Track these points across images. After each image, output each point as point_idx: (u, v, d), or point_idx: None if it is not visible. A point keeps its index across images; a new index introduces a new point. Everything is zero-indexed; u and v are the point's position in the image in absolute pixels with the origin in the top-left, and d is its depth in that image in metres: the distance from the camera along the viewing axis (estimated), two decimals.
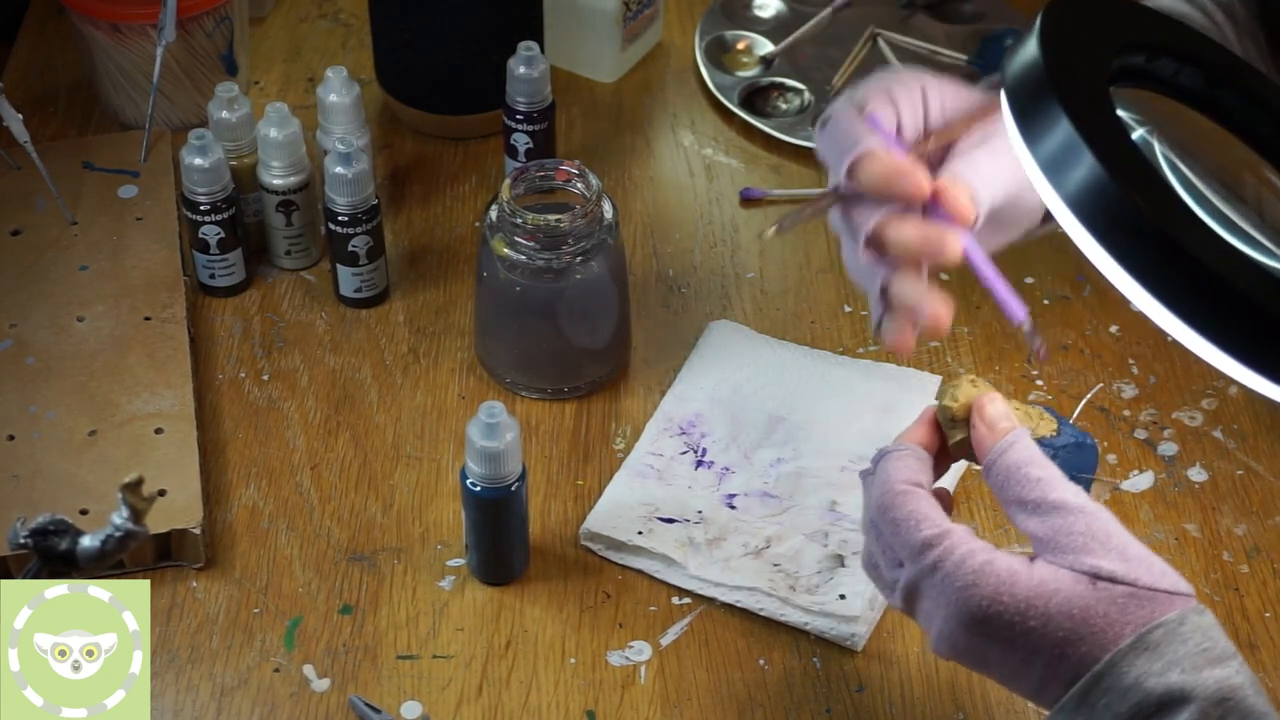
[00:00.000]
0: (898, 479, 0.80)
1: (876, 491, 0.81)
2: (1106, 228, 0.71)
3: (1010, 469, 0.79)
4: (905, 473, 0.81)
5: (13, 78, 1.36)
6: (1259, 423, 1.10)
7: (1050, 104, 0.72)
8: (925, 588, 0.77)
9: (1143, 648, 0.72)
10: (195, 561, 1.00)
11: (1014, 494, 0.78)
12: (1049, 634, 0.73)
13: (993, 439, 0.81)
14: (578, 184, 1.07)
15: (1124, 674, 0.72)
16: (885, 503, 0.80)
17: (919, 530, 0.78)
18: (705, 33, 1.42)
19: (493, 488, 0.95)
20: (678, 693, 0.95)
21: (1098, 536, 0.75)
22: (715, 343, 1.14)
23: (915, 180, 0.82)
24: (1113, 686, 0.72)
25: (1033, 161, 0.73)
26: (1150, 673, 0.71)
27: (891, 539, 0.79)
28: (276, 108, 1.14)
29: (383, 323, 1.17)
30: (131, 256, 1.17)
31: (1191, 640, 0.72)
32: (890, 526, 0.79)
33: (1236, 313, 0.70)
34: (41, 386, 1.08)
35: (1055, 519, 0.76)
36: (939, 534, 0.77)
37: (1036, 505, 0.77)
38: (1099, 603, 0.73)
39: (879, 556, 0.82)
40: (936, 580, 0.76)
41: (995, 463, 0.80)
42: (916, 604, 0.79)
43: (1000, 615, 0.74)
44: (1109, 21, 0.80)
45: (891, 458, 0.82)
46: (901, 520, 0.78)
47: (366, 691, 0.94)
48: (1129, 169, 0.71)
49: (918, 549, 0.77)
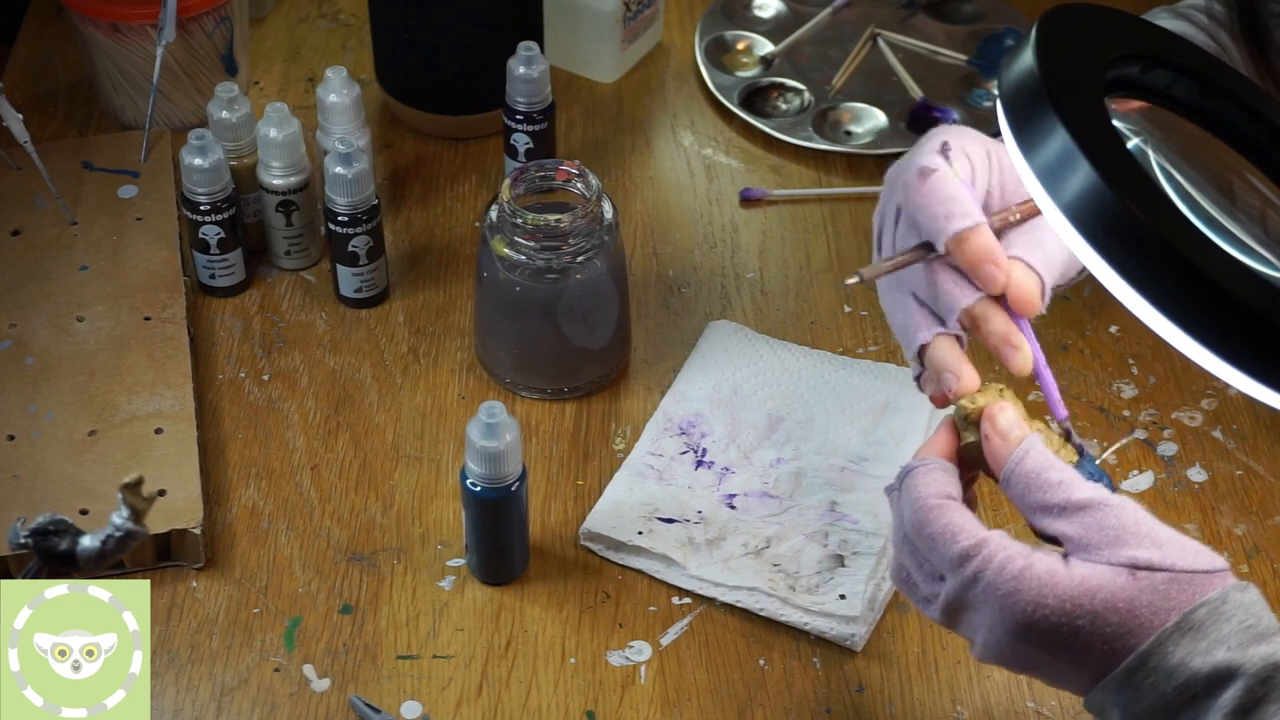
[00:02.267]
0: (929, 493, 0.79)
1: (908, 509, 0.80)
2: (1103, 235, 0.71)
3: (1029, 476, 0.78)
4: (935, 486, 0.80)
5: (13, 78, 1.36)
6: (1259, 423, 1.10)
7: (1046, 113, 0.72)
8: (969, 599, 0.76)
9: (1187, 628, 0.72)
10: (195, 561, 1.00)
11: (1036, 500, 0.78)
12: (1097, 631, 0.73)
13: (1006, 448, 0.80)
14: (578, 184, 1.07)
15: (1169, 654, 0.72)
16: (919, 519, 0.79)
17: (955, 543, 0.77)
18: (705, 33, 1.42)
19: (493, 488, 0.95)
20: (678, 693, 0.95)
21: (1129, 528, 0.75)
22: (715, 343, 1.14)
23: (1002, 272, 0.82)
24: (1159, 666, 0.72)
25: (1029, 170, 0.73)
26: (1196, 652, 0.72)
27: (929, 554, 0.79)
28: (276, 108, 1.14)
29: (383, 323, 1.17)
30: (131, 256, 1.17)
31: (1235, 618, 0.73)
32: (927, 542, 0.78)
33: (1231, 319, 0.70)
34: (41, 386, 1.08)
35: (1084, 517, 0.76)
36: (976, 544, 0.76)
37: (1062, 508, 0.77)
38: (1142, 593, 0.73)
39: (914, 572, 0.81)
40: (979, 590, 0.76)
41: (1014, 472, 0.79)
42: (961, 615, 0.78)
43: (1046, 619, 0.74)
44: (1104, 32, 0.80)
45: (919, 473, 0.81)
46: (938, 535, 0.78)
47: (366, 691, 0.94)
48: (1125, 177, 0.72)
49: (956, 561, 0.76)
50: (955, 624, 0.79)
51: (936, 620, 0.80)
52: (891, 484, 0.84)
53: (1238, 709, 0.70)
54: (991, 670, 0.96)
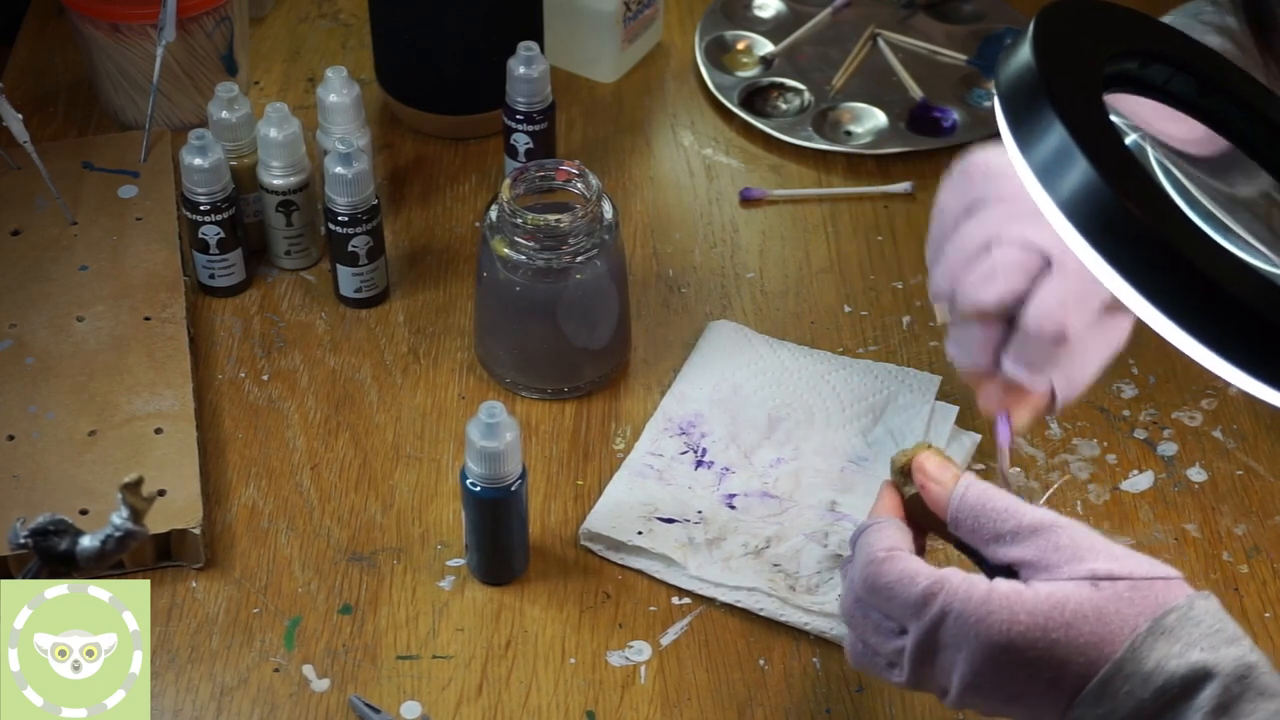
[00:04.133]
0: (878, 548, 0.80)
1: (857, 567, 0.80)
2: (1100, 232, 0.71)
3: (975, 509, 0.79)
4: (884, 540, 0.80)
5: (13, 78, 1.36)
6: (1259, 423, 1.10)
7: (1044, 108, 0.72)
8: (939, 639, 0.76)
9: (1159, 632, 0.73)
10: (195, 561, 1.00)
11: (988, 531, 0.79)
12: (1072, 642, 0.73)
13: (944, 490, 0.81)
14: (578, 184, 1.07)
15: (1144, 659, 0.72)
16: (870, 574, 0.79)
17: (915, 585, 0.77)
18: (705, 33, 1.42)
19: (493, 488, 0.95)
20: (678, 693, 0.95)
21: (1082, 544, 0.77)
22: (715, 343, 1.14)
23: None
24: (1134, 672, 0.72)
25: (1026, 166, 0.73)
26: (1171, 655, 0.72)
27: (887, 607, 0.78)
28: (276, 108, 1.14)
29: (383, 323, 1.17)
30: (131, 256, 1.17)
31: (1204, 622, 0.73)
32: (884, 594, 0.78)
33: (1231, 317, 0.70)
34: (41, 386, 1.08)
35: (1037, 540, 0.77)
36: (936, 581, 0.76)
37: (1014, 534, 0.78)
38: (1108, 601, 0.74)
39: (871, 637, 0.80)
40: (950, 624, 0.75)
41: (958, 509, 0.80)
42: (934, 660, 0.77)
43: (1023, 635, 0.74)
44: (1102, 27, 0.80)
45: (869, 531, 0.81)
46: (894, 583, 0.78)
47: (366, 691, 0.94)
48: (1123, 173, 0.71)
49: (920, 603, 0.76)
50: (926, 674, 0.78)
51: (904, 682, 0.79)
52: (847, 558, 0.84)
53: (1216, 707, 0.71)
54: None
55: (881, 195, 1.28)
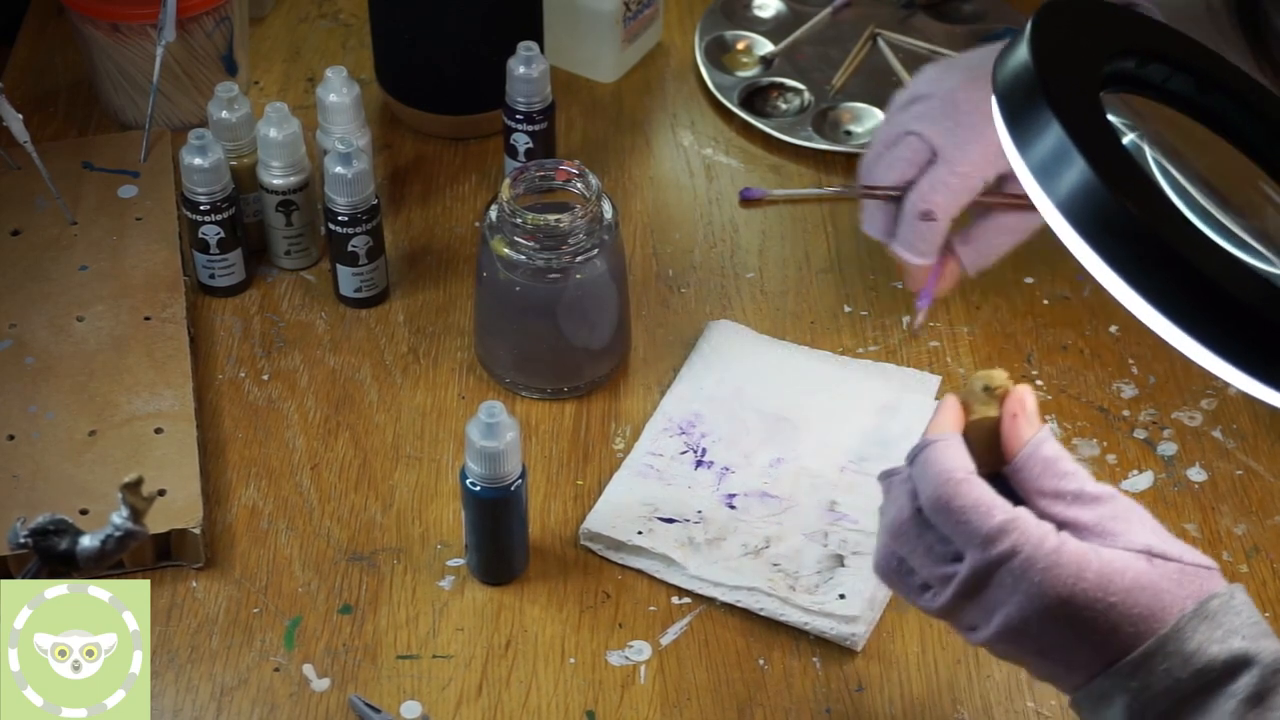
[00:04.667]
0: (955, 466, 0.78)
1: (930, 484, 0.78)
2: (1098, 232, 0.71)
3: (1048, 460, 0.79)
4: (959, 460, 0.78)
5: (13, 78, 1.36)
6: (1258, 423, 1.10)
7: (1041, 108, 0.72)
8: (997, 576, 0.75)
9: (1203, 616, 0.73)
10: (195, 561, 1.00)
11: (1051, 486, 0.78)
12: (1128, 609, 0.74)
13: (1030, 430, 0.80)
14: (578, 184, 1.07)
15: (1187, 639, 0.73)
16: (946, 493, 0.77)
17: (991, 517, 0.76)
18: (705, 33, 1.42)
19: (493, 488, 0.95)
20: (678, 693, 0.95)
21: (1136, 520, 0.77)
22: (715, 343, 1.14)
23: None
24: (1176, 651, 0.73)
25: (1023, 166, 0.73)
26: (1213, 639, 0.73)
27: (954, 530, 0.77)
28: (276, 108, 1.14)
29: (383, 323, 1.17)
30: (131, 256, 1.17)
31: (1244, 613, 0.74)
32: (955, 515, 0.76)
33: (1228, 316, 0.70)
34: (41, 386, 1.08)
35: (1099, 508, 0.77)
36: (1011, 519, 0.76)
37: (1077, 496, 0.78)
38: (1161, 578, 0.74)
39: (919, 557, 0.79)
40: (1015, 565, 0.75)
41: (1033, 455, 0.79)
42: (981, 595, 0.76)
43: (1085, 593, 0.74)
44: (1100, 26, 0.80)
45: (940, 447, 0.79)
46: (970, 508, 0.76)
47: (366, 691, 0.94)
48: (1120, 173, 0.71)
49: (993, 535, 0.75)
50: (965, 607, 0.77)
51: (937, 607, 0.78)
52: (889, 470, 0.83)
53: (1252, 695, 0.72)
54: (991, 670, 0.96)
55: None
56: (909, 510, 0.80)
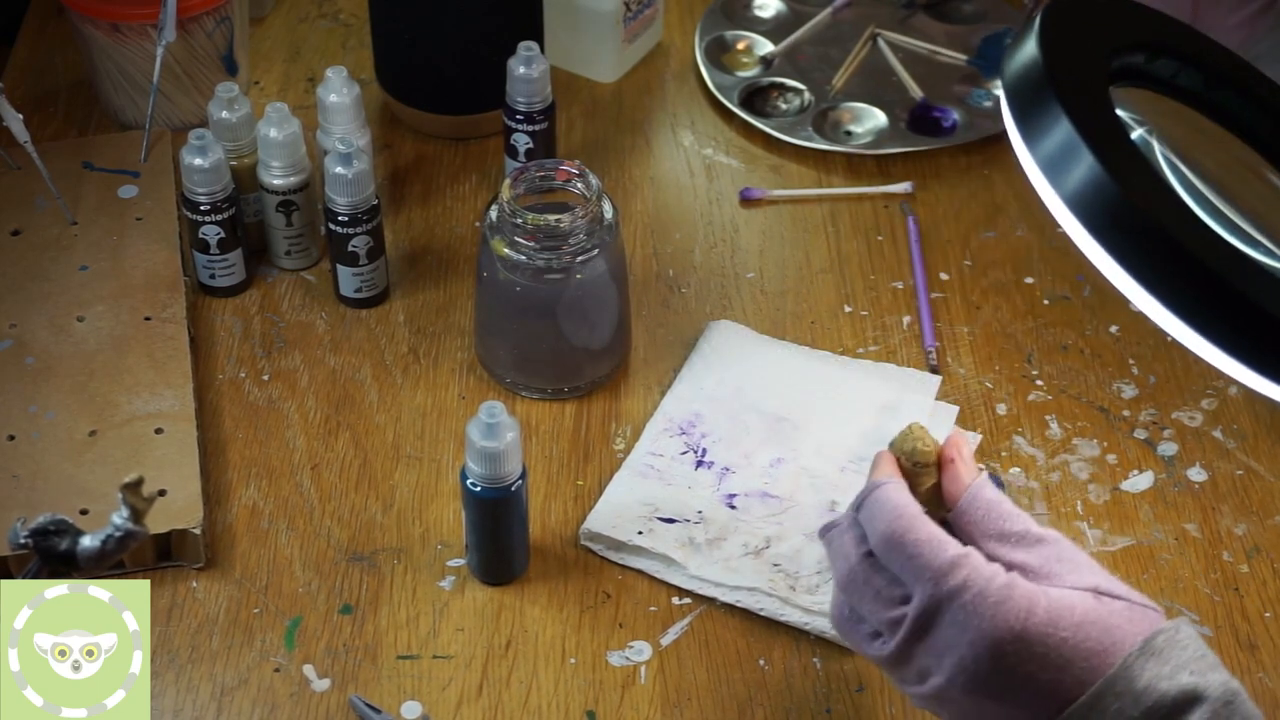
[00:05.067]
0: (907, 503, 0.79)
1: (884, 520, 0.79)
2: (1106, 227, 0.71)
3: (991, 504, 0.81)
4: (909, 499, 0.80)
5: (13, 78, 1.36)
6: (1259, 423, 1.10)
7: (1050, 103, 0.72)
8: (951, 611, 0.75)
9: (1150, 653, 0.73)
10: (195, 561, 1.00)
11: (995, 528, 0.80)
12: (1080, 643, 0.74)
13: (970, 475, 0.82)
14: (578, 184, 1.07)
15: (1136, 677, 0.73)
16: (900, 528, 0.78)
17: (944, 550, 0.76)
18: (705, 33, 1.42)
19: (493, 488, 0.95)
20: (678, 693, 0.95)
21: (1081, 562, 0.78)
22: (715, 343, 1.14)
23: None
24: (1126, 690, 0.73)
25: (1032, 161, 0.73)
26: (1161, 675, 0.73)
27: (906, 566, 0.77)
28: (276, 108, 1.14)
29: (383, 323, 1.17)
30: (131, 256, 1.17)
31: (1190, 647, 0.75)
32: (909, 549, 0.77)
33: (1235, 312, 0.70)
34: (41, 386, 1.08)
35: (1042, 549, 0.78)
36: (963, 555, 0.76)
37: (1021, 537, 0.79)
38: (1110, 615, 0.75)
39: (866, 603, 0.79)
40: (967, 601, 0.75)
41: (976, 498, 0.81)
42: (930, 635, 0.76)
43: (1037, 628, 0.74)
44: (1108, 21, 0.80)
45: (889, 488, 0.80)
46: (924, 542, 0.77)
47: (366, 691, 0.94)
48: (1128, 168, 0.71)
49: (945, 570, 0.76)
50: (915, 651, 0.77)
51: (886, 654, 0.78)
52: (828, 524, 0.84)
53: None
54: None
55: (881, 195, 1.28)
56: (856, 556, 0.81)
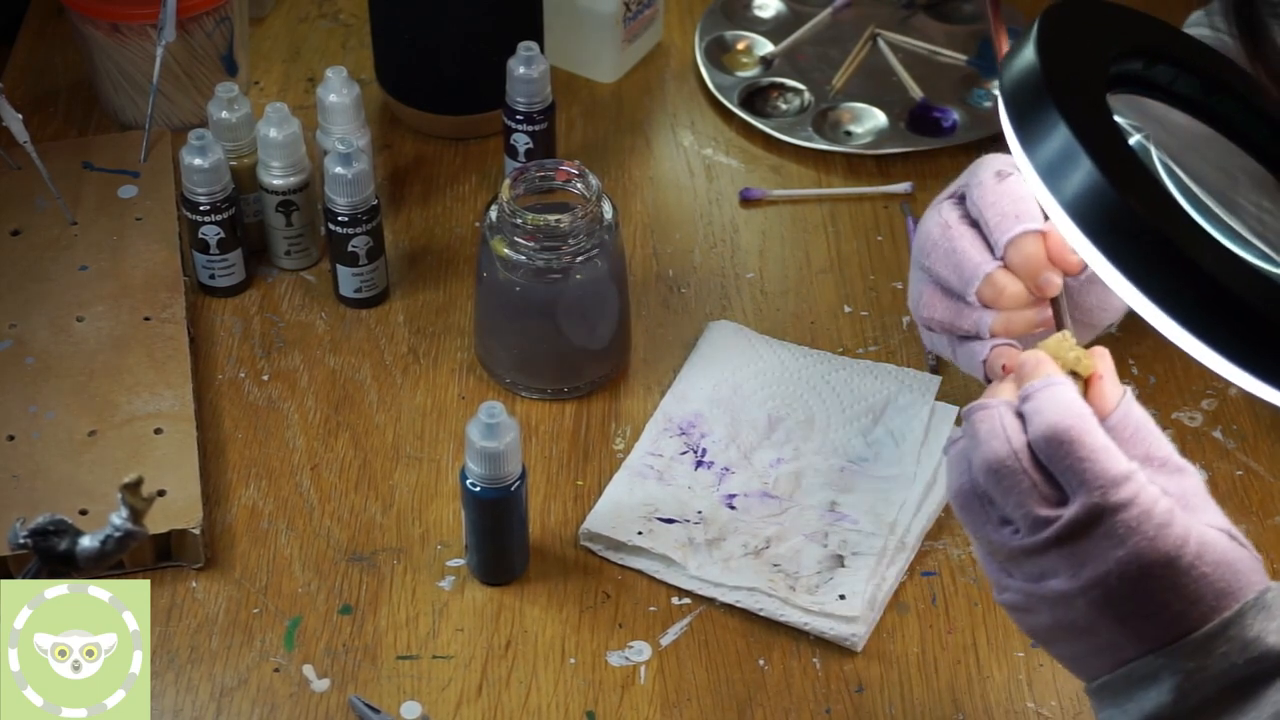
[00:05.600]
0: (1084, 407, 0.75)
1: (1057, 416, 0.74)
2: (1104, 232, 0.71)
3: (1140, 423, 0.78)
4: (1084, 403, 0.77)
5: (13, 78, 1.36)
6: (1259, 423, 1.10)
7: (1048, 109, 0.72)
8: (1110, 523, 0.73)
9: (1262, 605, 0.73)
10: (195, 561, 1.00)
11: (1144, 448, 0.77)
12: (1214, 581, 0.73)
13: (1118, 391, 0.79)
14: (578, 184, 1.07)
15: (1248, 626, 0.73)
16: (1076, 427, 0.74)
17: (1118, 462, 0.74)
18: (705, 33, 1.42)
19: (493, 488, 0.95)
20: (678, 693, 0.95)
21: (1212, 504, 0.77)
22: (715, 343, 1.14)
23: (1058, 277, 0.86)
24: (1236, 636, 0.72)
25: (1030, 167, 0.73)
26: (1270, 630, 0.73)
27: (1072, 468, 0.74)
28: (276, 108, 1.14)
29: (383, 323, 1.17)
30: (131, 256, 1.17)
31: None
32: (1082, 453, 0.73)
33: (1233, 317, 0.70)
34: (41, 386, 1.08)
35: (1183, 479, 0.77)
36: (1134, 469, 0.74)
37: (1164, 462, 0.77)
38: (1240, 559, 0.74)
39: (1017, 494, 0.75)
40: (1131, 517, 0.73)
41: (1128, 415, 0.78)
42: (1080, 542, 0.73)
43: (1185, 558, 0.73)
44: (1106, 27, 0.80)
45: (1065, 388, 0.76)
46: (1100, 449, 0.74)
47: (366, 691, 0.94)
48: (1126, 174, 0.72)
49: (1116, 481, 0.73)
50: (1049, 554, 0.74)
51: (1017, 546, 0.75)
52: (981, 403, 0.78)
53: None
54: (991, 670, 0.96)
55: (881, 195, 1.28)
56: (1017, 443, 0.76)
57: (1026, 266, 0.86)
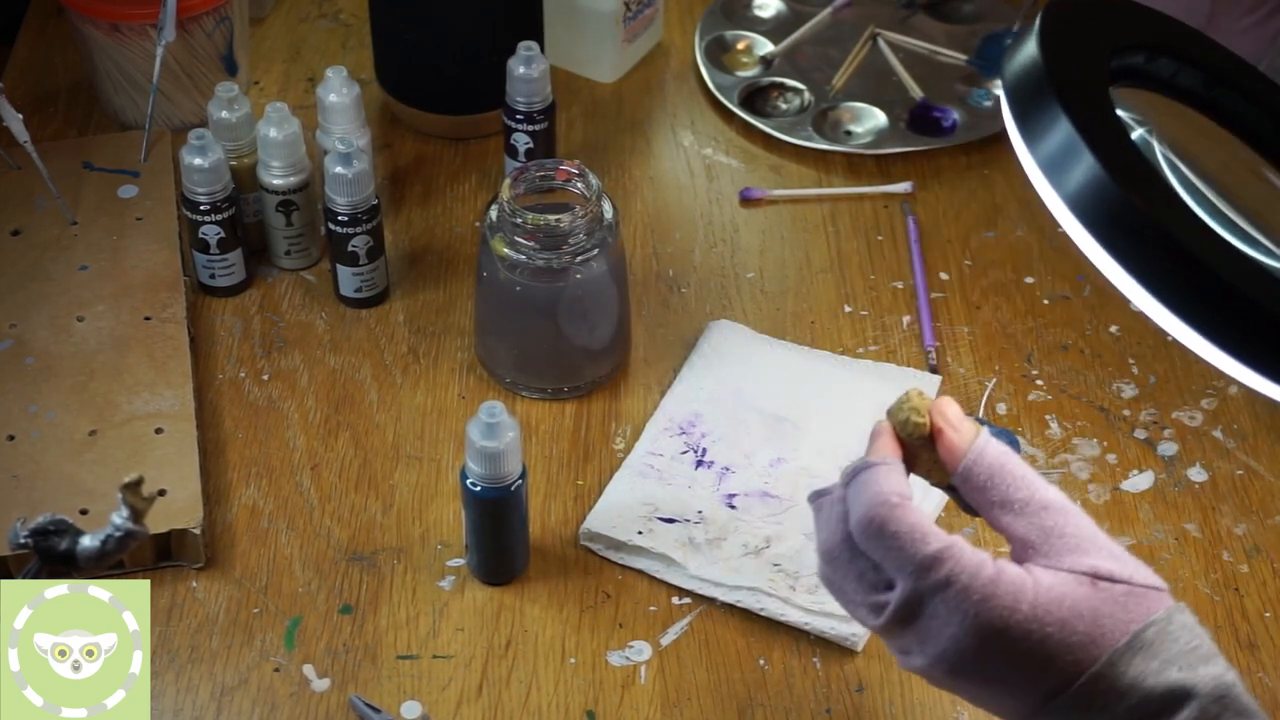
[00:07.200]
0: (889, 491, 0.76)
1: (863, 507, 0.76)
2: (1106, 227, 0.71)
3: (994, 468, 0.77)
4: (895, 485, 0.76)
5: (13, 78, 1.36)
6: (1259, 422, 1.10)
7: (1050, 104, 0.72)
8: (931, 604, 0.74)
9: (1138, 647, 0.71)
10: (195, 561, 1.00)
11: (1000, 494, 0.76)
12: (1064, 639, 0.72)
13: (964, 440, 0.78)
14: (578, 184, 1.07)
15: (1122, 674, 0.71)
16: (880, 516, 0.74)
17: (926, 544, 0.74)
18: (705, 33, 1.42)
19: (493, 488, 0.95)
20: (678, 693, 0.95)
21: (1085, 537, 0.75)
22: (715, 343, 1.14)
23: None
24: (1111, 687, 0.71)
25: (1032, 161, 0.73)
26: (1148, 672, 0.71)
27: (885, 556, 0.75)
28: (276, 108, 1.14)
29: (383, 323, 1.17)
30: (131, 256, 1.17)
31: (1182, 638, 0.72)
32: (888, 541, 0.74)
33: (1235, 311, 0.70)
34: (41, 386, 1.08)
35: (1044, 519, 0.75)
36: (946, 546, 0.74)
37: (1024, 505, 0.75)
38: (1104, 603, 0.72)
39: (850, 581, 0.77)
40: (950, 595, 0.73)
41: (976, 462, 0.77)
42: (915, 624, 0.75)
43: (1020, 625, 0.72)
44: (1108, 22, 0.80)
45: (876, 471, 0.77)
46: (904, 534, 0.74)
47: (366, 691, 0.94)
48: (1129, 168, 0.72)
49: (926, 564, 0.73)
50: (902, 632, 0.75)
51: (873, 628, 0.77)
52: (821, 490, 0.80)
53: None
54: None
55: (882, 195, 1.28)
56: (840, 534, 0.78)
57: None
